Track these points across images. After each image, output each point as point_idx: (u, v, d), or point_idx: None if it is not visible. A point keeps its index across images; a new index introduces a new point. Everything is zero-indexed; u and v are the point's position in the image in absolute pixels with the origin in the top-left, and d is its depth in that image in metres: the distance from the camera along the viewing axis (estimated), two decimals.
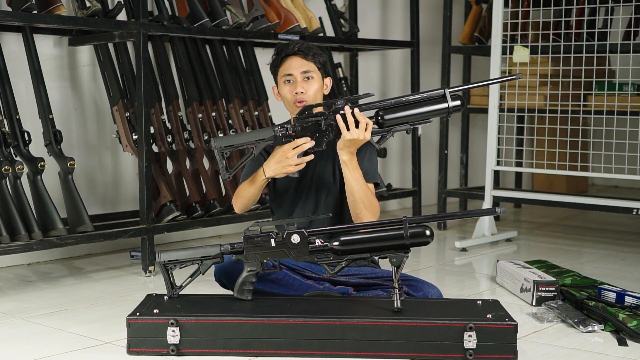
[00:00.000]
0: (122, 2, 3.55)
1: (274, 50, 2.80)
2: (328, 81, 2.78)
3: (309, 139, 2.60)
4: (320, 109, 2.64)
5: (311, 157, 2.63)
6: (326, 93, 2.78)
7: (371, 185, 2.75)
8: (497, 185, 4.94)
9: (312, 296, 2.63)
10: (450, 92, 2.55)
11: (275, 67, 2.76)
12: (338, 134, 2.58)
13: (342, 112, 2.57)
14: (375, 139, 2.61)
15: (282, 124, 2.64)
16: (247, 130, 3.99)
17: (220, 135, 3.87)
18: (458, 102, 2.55)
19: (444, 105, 2.54)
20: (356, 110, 2.55)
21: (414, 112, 2.56)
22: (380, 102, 2.59)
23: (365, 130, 2.54)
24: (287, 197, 2.80)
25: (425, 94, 2.56)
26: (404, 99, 2.57)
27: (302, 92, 2.69)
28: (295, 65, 2.71)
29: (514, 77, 2.65)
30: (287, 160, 2.59)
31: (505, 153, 4.44)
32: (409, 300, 2.51)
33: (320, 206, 2.77)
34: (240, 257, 2.48)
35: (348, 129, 2.55)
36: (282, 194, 2.81)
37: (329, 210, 2.76)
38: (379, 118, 2.57)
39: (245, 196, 2.73)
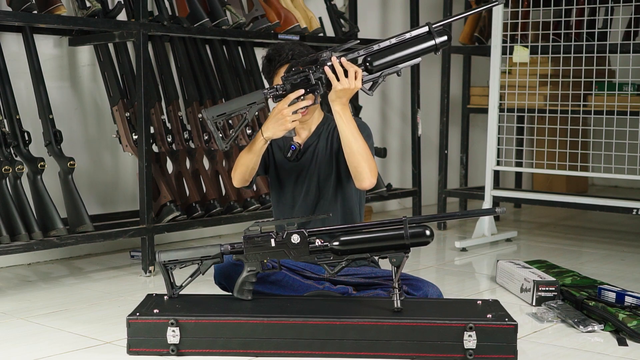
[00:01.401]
0: (122, 2, 3.55)
1: (265, 53, 2.77)
2: None
3: (301, 90, 2.55)
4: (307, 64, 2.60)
5: (308, 102, 2.57)
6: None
7: None
8: (497, 185, 4.94)
9: (312, 296, 2.63)
10: (435, 27, 2.50)
11: (269, 77, 2.75)
12: (329, 86, 2.54)
13: (329, 63, 2.53)
14: (367, 86, 2.57)
15: (270, 88, 2.60)
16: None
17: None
18: (445, 37, 2.50)
19: (431, 42, 2.49)
20: (343, 59, 2.52)
21: (402, 54, 2.50)
22: (366, 48, 2.53)
23: (355, 78, 2.50)
24: (288, 190, 2.80)
25: (410, 34, 2.52)
26: (389, 41, 2.52)
27: None
28: None
29: (496, 3, 2.63)
30: (283, 117, 2.56)
31: (505, 153, 4.44)
32: (409, 300, 2.51)
33: (322, 195, 2.76)
34: (240, 257, 2.48)
35: (338, 80, 2.51)
36: (283, 187, 2.80)
37: (331, 198, 2.76)
38: (367, 64, 2.52)
39: (244, 164, 2.68)
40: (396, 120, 5.56)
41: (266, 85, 4.14)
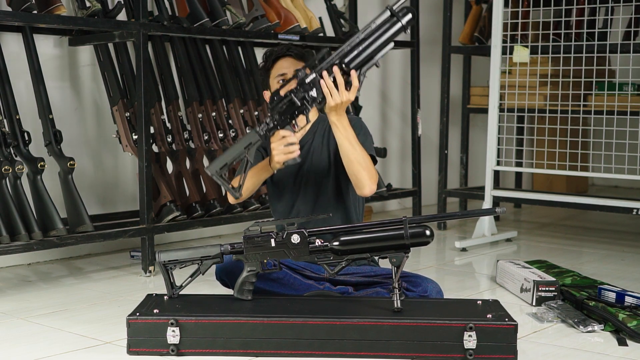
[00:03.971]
0: (122, 2, 3.55)
1: (262, 55, 2.80)
2: None
3: (287, 132, 2.54)
4: (287, 88, 2.57)
5: (303, 126, 2.58)
6: None
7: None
8: (497, 185, 4.94)
9: (312, 296, 2.63)
10: (396, 8, 2.47)
11: (266, 70, 2.77)
12: (314, 100, 2.52)
13: (313, 78, 2.50)
14: None
15: (262, 123, 2.58)
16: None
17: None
18: (409, 16, 2.48)
19: (398, 25, 2.46)
20: (335, 69, 2.48)
21: (374, 45, 2.48)
22: (337, 53, 2.52)
23: (348, 90, 2.49)
24: (286, 190, 2.80)
25: (375, 23, 2.48)
26: (357, 37, 2.50)
27: None
28: (287, 64, 2.73)
29: None
30: (284, 149, 2.55)
31: (505, 153, 4.44)
32: (409, 300, 2.51)
33: (320, 194, 2.77)
34: (240, 257, 2.48)
35: (332, 95, 2.49)
36: (282, 188, 2.81)
37: (329, 196, 2.77)
38: (344, 67, 2.49)
39: (247, 188, 2.68)
40: (396, 120, 5.56)
41: None
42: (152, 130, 3.62)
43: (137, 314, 2.33)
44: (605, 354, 2.40)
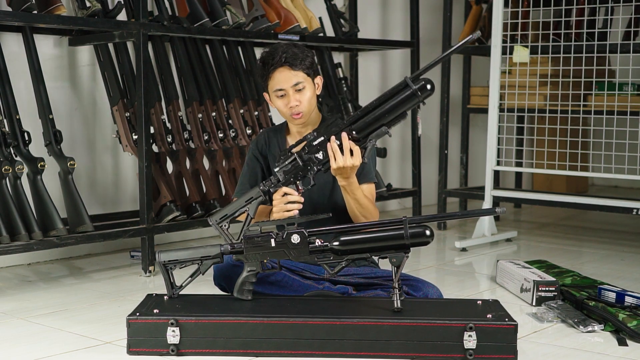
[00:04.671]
0: (122, 2, 3.55)
1: (259, 57, 2.78)
2: (319, 80, 2.76)
3: (290, 190, 2.59)
4: (297, 149, 2.61)
5: (301, 201, 2.61)
6: (318, 93, 2.75)
7: (372, 186, 2.74)
8: (497, 185, 4.94)
9: (312, 296, 2.63)
10: (412, 79, 2.44)
11: (264, 80, 2.74)
12: (321, 163, 2.56)
13: (321, 141, 2.54)
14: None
15: (265, 181, 2.64)
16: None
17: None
18: (428, 88, 2.42)
19: (415, 99, 2.43)
20: (344, 135, 2.48)
21: (387, 117, 2.46)
22: (349, 119, 2.51)
23: (352, 155, 2.49)
24: None
25: (390, 92, 2.45)
26: (372, 106, 2.48)
27: (296, 105, 2.68)
28: (284, 78, 2.67)
29: (472, 36, 2.47)
30: (284, 207, 2.59)
31: (505, 153, 4.44)
32: (409, 300, 2.51)
33: (321, 205, 2.76)
34: (240, 257, 2.48)
35: (335, 159, 2.51)
36: None
37: (329, 208, 2.76)
38: (354, 134, 2.50)
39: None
40: None
41: None
42: (152, 130, 3.63)
43: (137, 314, 2.33)
44: (605, 354, 2.40)
